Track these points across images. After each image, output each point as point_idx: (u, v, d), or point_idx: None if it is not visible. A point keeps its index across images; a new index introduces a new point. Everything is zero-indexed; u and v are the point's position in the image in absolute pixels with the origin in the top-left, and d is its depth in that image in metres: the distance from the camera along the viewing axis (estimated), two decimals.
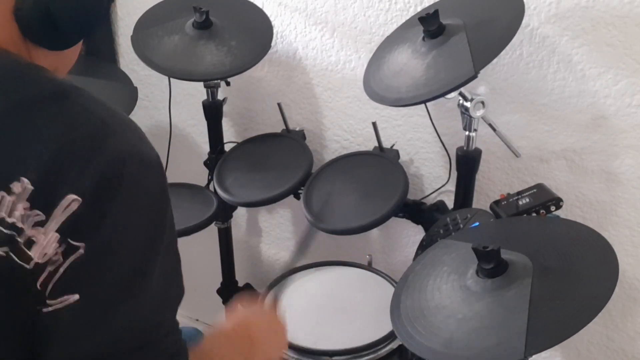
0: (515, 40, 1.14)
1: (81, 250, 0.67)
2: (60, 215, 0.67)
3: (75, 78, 0.86)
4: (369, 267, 1.50)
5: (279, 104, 1.63)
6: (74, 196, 0.67)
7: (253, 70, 1.56)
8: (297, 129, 1.66)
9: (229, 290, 1.86)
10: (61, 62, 0.82)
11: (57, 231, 0.67)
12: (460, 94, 1.23)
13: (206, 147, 1.73)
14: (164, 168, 0.79)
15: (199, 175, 1.75)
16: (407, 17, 1.40)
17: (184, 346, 0.77)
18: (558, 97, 1.31)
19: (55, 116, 0.70)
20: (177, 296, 0.78)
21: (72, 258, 0.67)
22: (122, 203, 0.69)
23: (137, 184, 0.71)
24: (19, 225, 0.67)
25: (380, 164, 1.47)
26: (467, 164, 1.32)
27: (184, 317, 2.30)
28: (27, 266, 0.67)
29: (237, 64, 1.48)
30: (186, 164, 1.90)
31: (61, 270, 0.67)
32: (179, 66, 1.48)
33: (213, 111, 1.66)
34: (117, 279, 0.70)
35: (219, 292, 1.87)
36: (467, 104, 1.23)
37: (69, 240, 0.67)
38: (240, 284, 1.88)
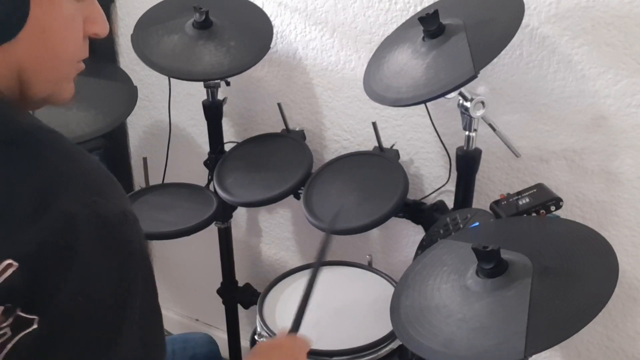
0: (515, 40, 1.14)
1: (35, 325, 0.60)
2: None
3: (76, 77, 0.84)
4: (369, 267, 1.50)
5: (279, 104, 1.63)
6: (9, 261, 0.59)
7: (253, 70, 1.56)
8: (297, 129, 1.66)
9: (229, 290, 1.86)
10: (21, 60, 0.68)
11: None
12: (460, 94, 1.23)
13: (206, 147, 1.73)
14: (136, 221, 0.69)
15: (199, 175, 1.75)
16: (407, 17, 1.40)
17: None
18: (558, 97, 1.31)
19: None
20: (159, 358, 0.72)
21: (23, 333, 0.60)
22: (80, 270, 0.62)
23: (97, 249, 0.63)
24: None
25: (380, 164, 1.47)
26: (467, 164, 1.32)
27: (184, 317, 2.30)
28: None
29: (235, 64, 1.48)
30: (186, 164, 1.90)
31: (9, 346, 0.60)
32: (177, 66, 1.48)
33: (213, 111, 1.66)
34: (83, 353, 0.63)
35: (219, 292, 1.87)
36: (467, 104, 1.23)
37: (18, 312, 0.60)
38: (240, 284, 1.88)
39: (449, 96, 1.18)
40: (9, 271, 0.59)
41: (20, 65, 0.69)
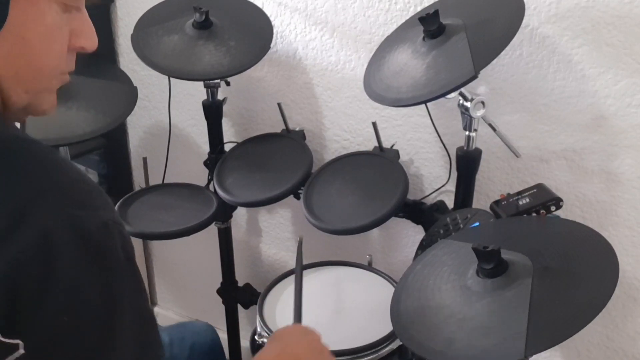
0: (515, 40, 1.14)
1: (21, 350, 0.58)
2: None
3: (75, 78, 0.83)
4: (369, 267, 1.50)
5: (279, 104, 1.63)
6: None
7: (253, 70, 1.56)
8: (297, 129, 1.66)
9: (229, 290, 1.86)
10: (12, 51, 0.66)
11: None
12: (461, 94, 1.23)
13: (206, 147, 1.73)
14: (120, 228, 0.67)
15: (199, 175, 1.75)
16: (407, 17, 1.40)
17: None
18: (558, 97, 1.31)
19: None
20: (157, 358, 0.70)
21: (10, 358, 0.58)
22: (61, 287, 0.59)
23: (78, 263, 0.61)
24: None
25: (380, 164, 1.47)
26: (467, 164, 1.32)
27: (184, 317, 2.30)
28: None
29: (235, 64, 1.48)
30: (186, 164, 1.90)
31: None
32: (177, 66, 1.48)
33: (213, 111, 1.66)
34: None
35: (219, 292, 1.87)
36: (467, 104, 1.23)
37: (0, 337, 0.58)
38: (240, 284, 1.88)
39: (449, 96, 1.18)
40: None
41: (7, 58, 0.66)
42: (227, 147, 1.70)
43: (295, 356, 0.87)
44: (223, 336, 1.91)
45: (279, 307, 1.37)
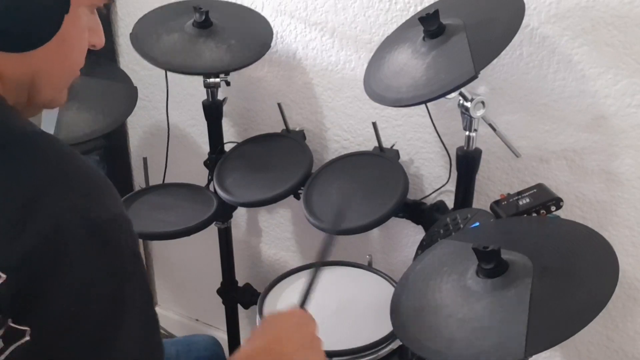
0: (515, 40, 1.14)
1: (27, 337, 0.59)
2: None
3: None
4: (369, 267, 1.50)
5: (279, 104, 1.63)
6: None
7: (253, 71, 1.56)
8: (297, 129, 1.66)
9: (229, 290, 1.86)
10: (39, 66, 0.71)
11: None
12: (461, 94, 1.23)
13: (206, 147, 1.73)
14: (129, 224, 0.69)
15: (199, 175, 1.75)
16: (407, 17, 1.40)
17: None
18: (558, 97, 1.31)
19: None
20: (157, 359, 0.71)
21: (16, 345, 0.59)
22: (71, 278, 0.61)
23: (88, 255, 0.62)
24: None
25: (380, 164, 1.47)
26: (467, 164, 1.32)
27: (184, 317, 2.30)
28: None
29: (236, 60, 1.48)
30: (186, 164, 1.90)
31: (2, 358, 0.60)
32: (177, 61, 1.47)
33: (213, 111, 1.66)
34: None
35: (219, 292, 1.87)
36: (467, 104, 1.23)
37: (9, 323, 0.59)
38: (240, 284, 1.88)
39: (449, 96, 1.18)
40: None
41: (35, 72, 0.70)
42: (227, 147, 1.70)
43: (279, 354, 0.85)
44: (223, 336, 1.92)
45: (279, 307, 1.37)
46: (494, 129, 1.32)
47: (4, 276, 0.58)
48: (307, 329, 0.92)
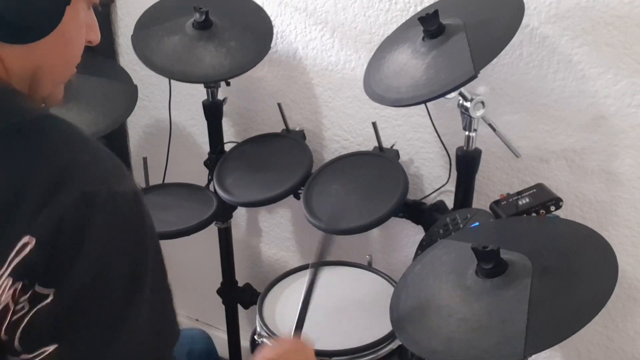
0: (515, 40, 1.14)
1: (50, 297, 0.63)
2: (14, 258, 0.63)
3: (75, 78, 0.85)
4: (369, 267, 1.50)
5: (279, 104, 1.63)
6: (27, 238, 0.62)
7: (253, 70, 1.56)
8: (297, 129, 1.66)
9: (229, 290, 1.86)
10: (40, 59, 0.74)
11: (10, 275, 0.63)
12: (460, 94, 1.23)
13: (206, 147, 1.73)
14: (142, 200, 0.72)
15: (199, 175, 1.75)
16: (407, 17, 1.40)
17: None
18: (558, 97, 1.31)
19: (13, 153, 0.66)
20: (172, 335, 0.75)
21: (39, 306, 0.64)
22: (93, 246, 0.65)
23: (110, 226, 0.67)
24: None
25: (380, 164, 1.47)
26: (467, 164, 1.32)
27: (184, 317, 2.30)
28: None
29: (236, 65, 1.48)
30: (186, 164, 1.90)
31: (26, 319, 0.64)
32: (178, 68, 1.48)
33: (213, 111, 1.66)
34: (98, 324, 0.66)
35: (219, 292, 1.87)
36: (467, 104, 1.23)
37: (36, 286, 0.63)
38: (240, 284, 1.88)
39: (449, 96, 1.18)
40: (27, 248, 0.62)
41: (37, 65, 0.73)
42: (227, 147, 1.70)
43: None
44: (223, 336, 1.92)
45: (278, 307, 1.37)
46: (494, 129, 1.32)
47: (34, 241, 0.62)
48: (305, 355, 0.98)
